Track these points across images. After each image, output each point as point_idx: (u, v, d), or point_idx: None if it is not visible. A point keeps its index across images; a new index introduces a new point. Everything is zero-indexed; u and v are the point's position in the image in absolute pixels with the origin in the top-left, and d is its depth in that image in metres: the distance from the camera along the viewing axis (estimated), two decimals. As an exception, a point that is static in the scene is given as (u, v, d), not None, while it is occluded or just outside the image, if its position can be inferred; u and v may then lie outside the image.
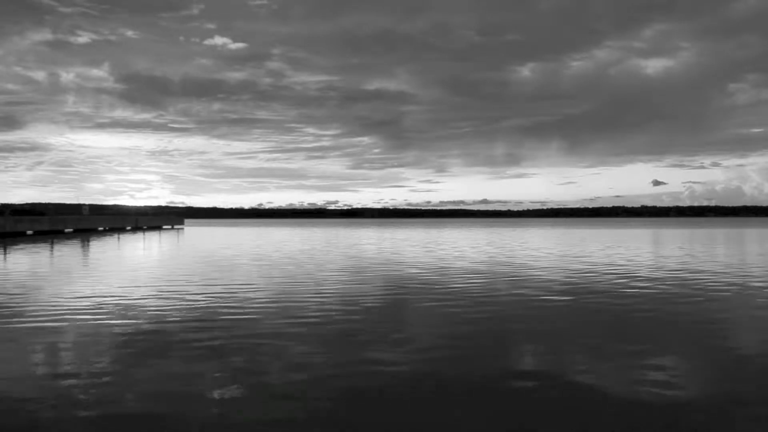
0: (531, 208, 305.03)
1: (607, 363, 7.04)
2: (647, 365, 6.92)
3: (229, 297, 12.58)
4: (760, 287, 14.15)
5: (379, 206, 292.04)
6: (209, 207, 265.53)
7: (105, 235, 50.81)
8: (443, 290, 13.75)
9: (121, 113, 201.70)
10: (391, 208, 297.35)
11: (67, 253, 27.32)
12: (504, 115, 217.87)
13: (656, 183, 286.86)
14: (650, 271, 18.03)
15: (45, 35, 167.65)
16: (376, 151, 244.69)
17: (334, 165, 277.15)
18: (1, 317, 10.22)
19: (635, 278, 16.17)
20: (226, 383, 6.22)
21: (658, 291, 13.53)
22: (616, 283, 14.99)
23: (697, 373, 6.67)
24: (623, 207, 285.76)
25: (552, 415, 5.30)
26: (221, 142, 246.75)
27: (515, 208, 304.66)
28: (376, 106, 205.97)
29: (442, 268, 19.51)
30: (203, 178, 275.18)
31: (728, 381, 6.31)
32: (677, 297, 12.55)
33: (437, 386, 6.15)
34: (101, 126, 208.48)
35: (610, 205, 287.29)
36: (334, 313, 10.61)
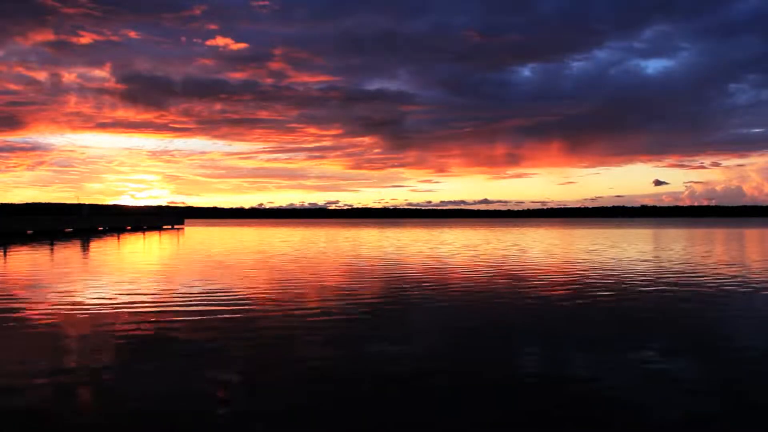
0: (531, 208, 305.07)
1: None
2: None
3: (230, 295, 12.54)
4: None
5: (379, 206, 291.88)
6: (209, 207, 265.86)
7: (105, 235, 50.75)
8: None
9: (123, 113, 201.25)
10: (391, 208, 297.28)
11: (66, 253, 27.27)
12: (504, 115, 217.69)
13: (657, 183, 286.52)
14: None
15: (47, 36, 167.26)
16: (377, 151, 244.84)
17: (334, 165, 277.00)
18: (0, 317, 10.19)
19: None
20: (226, 380, 6.19)
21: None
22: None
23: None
24: (623, 207, 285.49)
25: (553, 414, 5.27)
26: (222, 142, 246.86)
27: (515, 208, 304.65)
28: (377, 107, 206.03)
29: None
30: (204, 178, 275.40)
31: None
32: None
33: (438, 385, 6.12)
34: (102, 126, 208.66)
35: (610, 205, 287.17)
36: (335, 312, 10.58)
